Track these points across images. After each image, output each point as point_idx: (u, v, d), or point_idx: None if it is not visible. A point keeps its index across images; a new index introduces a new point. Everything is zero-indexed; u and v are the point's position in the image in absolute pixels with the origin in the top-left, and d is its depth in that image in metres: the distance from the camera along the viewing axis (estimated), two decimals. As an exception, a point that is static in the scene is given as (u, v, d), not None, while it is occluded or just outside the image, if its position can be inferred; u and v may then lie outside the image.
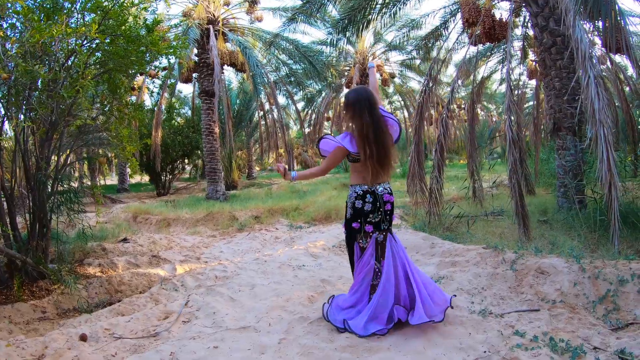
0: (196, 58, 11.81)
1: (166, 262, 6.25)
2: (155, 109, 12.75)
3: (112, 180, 28.79)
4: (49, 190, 4.90)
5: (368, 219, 3.03)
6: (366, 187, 3.04)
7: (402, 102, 22.94)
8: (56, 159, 5.20)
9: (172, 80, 12.68)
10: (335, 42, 8.42)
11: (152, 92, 7.15)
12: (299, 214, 9.64)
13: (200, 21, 10.82)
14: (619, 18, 4.59)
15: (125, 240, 7.18)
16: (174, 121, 15.94)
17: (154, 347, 3.05)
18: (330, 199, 11.30)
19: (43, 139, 4.84)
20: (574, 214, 5.14)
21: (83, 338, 3.22)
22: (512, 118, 5.03)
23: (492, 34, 6.32)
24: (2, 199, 4.65)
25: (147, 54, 4.81)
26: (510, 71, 5.13)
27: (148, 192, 17.82)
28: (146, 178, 18.35)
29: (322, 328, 3.13)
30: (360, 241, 3.08)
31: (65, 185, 5.15)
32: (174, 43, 5.34)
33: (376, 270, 3.06)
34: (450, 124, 24.49)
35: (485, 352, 2.56)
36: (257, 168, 47.83)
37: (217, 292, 4.36)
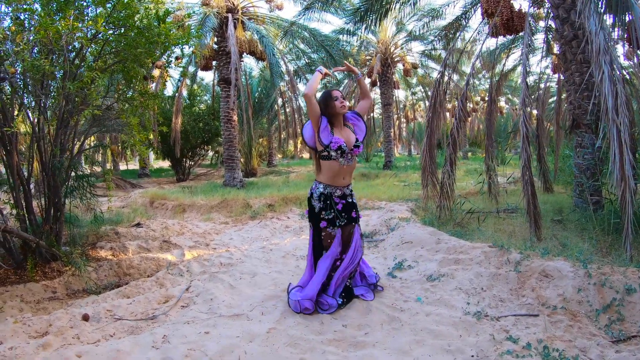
0: (216, 46, 11.80)
1: (176, 247, 6.33)
2: (176, 96, 12.82)
3: (135, 165, 29.38)
4: (63, 176, 4.99)
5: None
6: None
7: (425, 93, 22.46)
8: (71, 145, 5.29)
9: (193, 68, 12.72)
10: (352, 31, 8.22)
11: (166, 80, 7.13)
12: (312, 204, 9.58)
13: (219, 9, 10.77)
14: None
15: (138, 225, 7.29)
16: (195, 108, 16.05)
17: (150, 329, 3.13)
18: (345, 190, 11.20)
19: (57, 126, 4.94)
20: (588, 215, 4.90)
21: (85, 318, 3.34)
22: (527, 112, 4.80)
23: (511, 25, 6.05)
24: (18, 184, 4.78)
25: (158, 45, 4.83)
26: (527, 63, 4.88)
27: (168, 177, 18.09)
28: (166, 164, 18.62)
29: (313, 319, 3.14)
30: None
31: (79, 172, 5.21)
32: (191, 32, 5.35)
33: None
34: (468, 117, 23.87)
35: (473, 356, 2.46)
36: (279, 155, 47.99)
37: (219, 278, 4.43)
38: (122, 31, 4.57)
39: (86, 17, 4.32)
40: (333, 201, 3.35)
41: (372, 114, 27.59)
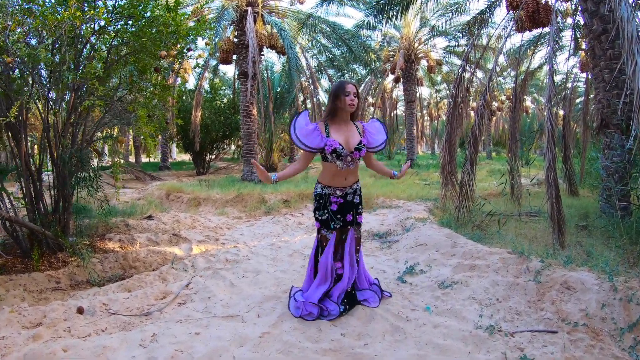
0: (235, 40, 11.68)
1: (186, 241, 6.24)
2: (196, 89, 12.78)
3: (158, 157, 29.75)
4: (71, 168, 4.95)
5: None
6: None
7: (449, 91, 21.89)
8: (81, 137, 5.24)
9: (214, 62, 12.64)
10: (372, 25, 7.92)
11: (178, 73, 7.00)
12: (328, 201, 9.35)
13: (239, 2, 10.62)
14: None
15: (150, 217, 7.24)
16: (216, 102, 16.01)
17: (141, 326, 3.06)
18: (364, 187, 10.94)
19: (66, 118, 4.90)
20: (615, 221, 4.52)
21: (80, 311, 3.30)
22: (552, 109, 4.45)
23: (536, 18, 5.66)
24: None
25: (164, 35, 4.71)
26: (554, 57, 4.52)
27: (188, 170, 18.18)
28: (189, 157, 18.70)
29: (311, 325, 2.96)
30: None
31: (86, 164, 5.16)
32: (203, 24, 5.22)
33: None
34: (493, 116, 23.01)
35: (480, 378, 2.21)
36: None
37: (221, 276, 4.33)
38: (129, 21, 4.49)
39: (96, 8, 4.24)
40: (329, 201, 3.16)
41: (395, 111, 27.12)
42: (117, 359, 2.51)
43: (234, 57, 12.61)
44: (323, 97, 17.16)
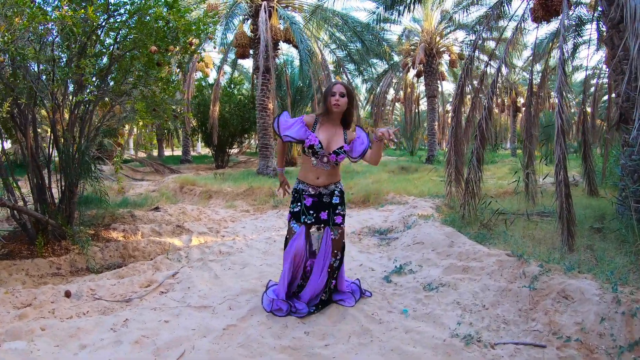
0: (251, 34, 11.49)
1: (188, 232, 6.16)
2: (214, 84, 12.68)
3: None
4: (72, 160, 4.95)
5: None
6: None
7: (471, 87, 21.08)
8: (87, 131, 5.21)
9: (232, 56, 12.51)
10: (381, 17, 7.54)
11: (181, 64, 6.84)
12: (339, 196, 9.07)
13: (254, -4, 10.42)
14: None
15: (157, 208, 7.16)
16: (238, 96, 15.88)
17: (119, 311, 3.14)
18: (377, 182, 10.59)
19: (70, 112, 4.88)
20: (630, 224, 4.05)
21: (67, 294, 3.41)
22: (563, 102, 4.01)
23: (549, 6, 5.16)
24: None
25: (165, 32, 4.60)
26: (565, 45, 4.07)
27: (208, 164, 18.22)
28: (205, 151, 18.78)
29: (279, 321, 2.84)
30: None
31: (87, 157, 5.12)
32: (204, 20, 5.08)
33: None
34: (517, 112, 21.93)
35: (442, 398, 1.91)
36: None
37: (209, 267, 4.29)
38: (122, 18, 4.39)
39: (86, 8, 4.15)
40: (302, 197, 3.01)
41: (418, 107, 26.41)
42: (87, 340, 2.60)
43: (251, 51, 12.44)
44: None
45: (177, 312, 3.05)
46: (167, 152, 25.03)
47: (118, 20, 4.45)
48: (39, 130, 5.26)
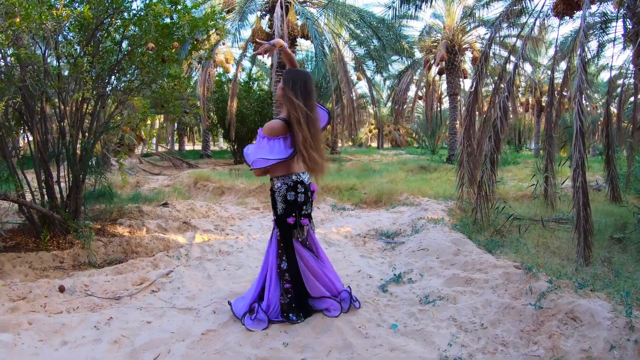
0: (268, 29, 11.31)
1: (194, 229, 6.07)
2: (232, 80, 12.60)
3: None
4: (76, 157, 4.93)
5: (302, 212, 2.72)
6: (294, 177, 2.70)
7: (494, 85, 20.36)
8: (95, 127, 5.18)
9: (250, 53, 12.39)
10: (397, 13, 7.20)
11: (201, 60, 6.75)
12: (351, 195, 8.83)
13: (270, -8, 10.23)
14: None
15: (165, 204, 7.10)
16: (255, 92, 15.76)
17: (105, 309, 3.13)
18: (392, 182, 10.29)
19: (75, 109, 4.85)
20: (653, 237, 3.69)
21: (61, 289, 3.42)
22: (583, 103, 3.66)
23: (571, 0, 4.74)
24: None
25: (170, 29, 4.50)
26: (585, 40, 3.70)
27: (227, 159, 18.20)
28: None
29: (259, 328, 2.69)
30: (299, 236, 2.75)
31: (89, 153, 5.08)
32: (210, 15, 4.96)
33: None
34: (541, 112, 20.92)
35: None
36: (350, 143, 47.08)
37: (204, 267, 4.20)
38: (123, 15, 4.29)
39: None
40: None
41: (439, 105, 25.75)
42: (70, 337, 2.61)
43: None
44: (362, 89, 16.53)
45: (161, 312, 3.00)
46: (189, 147, 25.24)
47: (119, 19, 4.37)
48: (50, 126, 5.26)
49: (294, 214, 2.68)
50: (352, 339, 2.48)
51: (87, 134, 5.11)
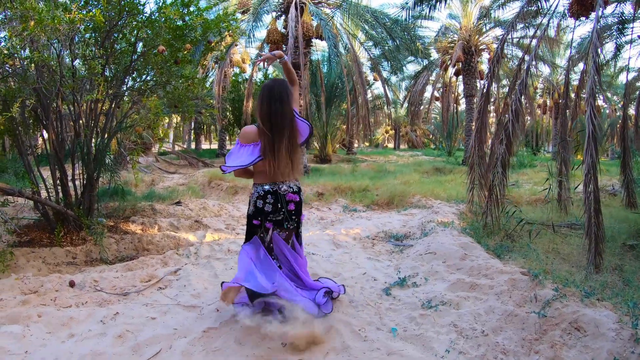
0: (284, 30, 11.35)
1: (205, 228, 6.12)
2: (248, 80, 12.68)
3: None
4: (89, 156, 5.03)
5: (269, 218, 2.78)
6: (268, 187, 2.75)
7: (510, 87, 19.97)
8: (110, 127, 5.28)
9: (264, 53, 12.44)
10: (410, 14, 7.13)
11: (217, 60, 6.82)
12: (363, 196, 8.79)
13: (284, -7, 10.26)
14: None
15: (178, 203, 7.19)
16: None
17: (112, 304, 3.18)
18: (405, 184, 10.20)
19: (88, 110, 4.95)
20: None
21: (71, 284, 3.49)
22: (594, 105, 3.56)
23: (585, 1, 4.60)
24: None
25: (182, 30, 4.57)
26: (597, 40, 3.59)
27: (244, 158, 18.20)
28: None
29: (260, 328, 2.63)
30: (262, 235, 2.84)
31: (102, 153, 5.18)
32: (222, 17, 5.02)
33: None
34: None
35: None
36: (367, 144, 46.83)
37: (211, 266, 4.22)
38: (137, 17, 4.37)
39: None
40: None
41: (456, 107, 25.41)
42: (77, 330, 2.68)
43: (284, 47, 12.32)
44: (377, 90, 16.41)
45: (166, 309, 3.03)
46: (205, 146, 25.50)
47: (134, 22, 4.44)
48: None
49: (259, 218, 2.78)
50: (350, 341, 2.47)
51: (101, 133, 5.21)
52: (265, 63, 3.02)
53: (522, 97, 4.62)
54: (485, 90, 5.14)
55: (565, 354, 2.27)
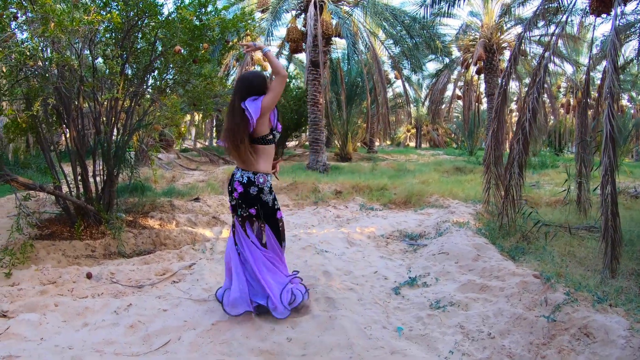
0: (303, 29, 11.37)
1: (223, 224, 6.19)
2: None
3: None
4: (109, 152, 5.15)
5: (230, 201, 2.96)
6: (234, 170, 2.96)
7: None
8: (129, 125, 5.40)
9: (287, 51, 12.50)
10: (428, 10, 7.02)
11: (239, 58, 6.88)
12: (381, 195, 8.74)
13: (304, -8, 10.26)
14: None
15: (196, 199, 7.29)
16: (291, 90, 15.87)
17: (127, 295, 3.26)
18: (424, 183, 10.08)
19: (107, 108, 5.08)
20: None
21: (88, 276, 3.60)
22: (612, 105, 3.44)
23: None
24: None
25: (200, 30, 4.63)
26: (616, 38, 3.46)
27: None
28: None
29: (267, 322, 2.74)
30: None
31: (121, 150, 5.30)
32: (240, 17, 5.07)
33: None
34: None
35: None
36: (388, 142, 46.47)
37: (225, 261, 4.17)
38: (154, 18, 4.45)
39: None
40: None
41: (478, 105, 24.91)
42: (91, 319, 2.78)
43: (304, 45, 12.34)
44: (395, 89, 16.24)
45: (178, 302, 3.10)
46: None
47: (152, 22, 4.53)
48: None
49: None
50: (354, 339, 2.47)
51: (122, 130, 5.33)
52: (246, 50, 3.09)
53: (539, 95, 4.49)
54: (502, 89, 5.03)
55: (574, 359, 2.22)
